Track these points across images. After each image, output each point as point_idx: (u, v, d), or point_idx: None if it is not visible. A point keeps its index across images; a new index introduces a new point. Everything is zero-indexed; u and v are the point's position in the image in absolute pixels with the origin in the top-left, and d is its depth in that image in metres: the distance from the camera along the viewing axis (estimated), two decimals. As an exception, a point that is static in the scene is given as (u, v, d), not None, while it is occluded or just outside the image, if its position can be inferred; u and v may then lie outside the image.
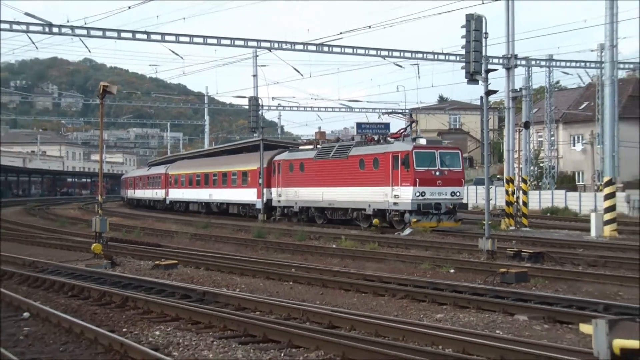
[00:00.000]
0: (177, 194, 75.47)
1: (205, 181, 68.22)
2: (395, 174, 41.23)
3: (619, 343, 7.38)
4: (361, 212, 44.67)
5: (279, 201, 53.64)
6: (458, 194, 41.96)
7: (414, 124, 49.45)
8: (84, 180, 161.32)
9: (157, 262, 27.01)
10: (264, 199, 55.80)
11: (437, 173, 40.64)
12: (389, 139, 45.94)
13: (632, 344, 7.39)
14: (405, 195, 40.34)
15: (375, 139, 47.46)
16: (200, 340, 14.46)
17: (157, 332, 15.26)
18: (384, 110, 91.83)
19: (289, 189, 52.23)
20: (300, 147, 58.81)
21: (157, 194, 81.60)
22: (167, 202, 77.59)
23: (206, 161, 73.85)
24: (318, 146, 52.47)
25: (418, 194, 39.78)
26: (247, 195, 58.44)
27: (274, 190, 54.47)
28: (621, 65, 55.48)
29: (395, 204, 41.22)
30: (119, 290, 20.09)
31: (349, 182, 45.19)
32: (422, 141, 42.85)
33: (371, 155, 44.25)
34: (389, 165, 41.88)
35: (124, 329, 15.57)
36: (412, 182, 39.96)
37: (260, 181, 55.99)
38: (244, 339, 14.43)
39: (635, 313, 15.51)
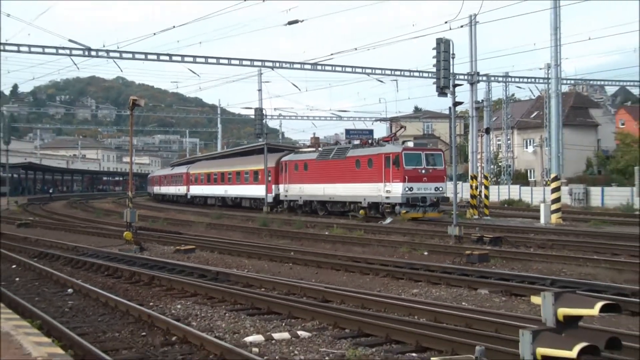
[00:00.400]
0: (197, 190, 74.55)
1: (221, 179, 67.50)
2: (387, 172, 41.17)
3: (563, 311, 7.46)
4: (357, 205, 44.42)
5: (285, 196, 53.36)
6: (441, 188, 41.81)
7: (402, 130, 48.95)
8: (117, 178, 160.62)
9: (178, 247, 27.06)
10: (266, 194, 55.47)
11: (423, 171, 40.61)
12: (381, 142, 45.70)
13: (573, 311, 7.48)
14: (396, 190, 40.32)
15: (370, 142, 47.58)
16: (214, 312, 14.54)
17: (179, 306, 15.35)
18: (375, 118, 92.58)
19: (295, 186, 51.99)
20: (303, 150, 58.62)
21: (179, 190, 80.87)
22: (189, 197, 76.66)
23: (221, 162, 73.02)
24: (319, 149, 52.65)
25: (407, 189, 39.79)
26: (258, 190, 57.75)
27: (281, 186, 54.13)
28: (564, 82, 55.54)
29: (387, 197, 41.15)
30: (147, 271, 20.19)
31: (347, 179, 45.10)
32: (410, 144, 43.13)
33: (366, 157, 44.04)
34: (382, 164, 41.76)
35: (151, 303, 15.65)
36: (402, 179, 39.95)
37: (269, 178, 55.69)
38: (251, 311, 14.50)
39: (575, 286, 15.66)
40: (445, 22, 40.36)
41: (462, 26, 45.53)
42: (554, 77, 41.47)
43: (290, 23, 45.43)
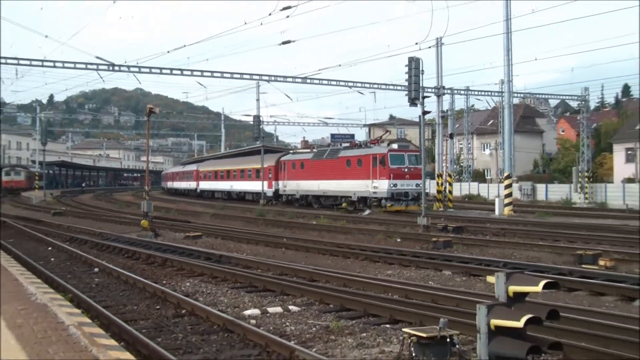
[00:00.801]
0: (206, 185, 72.96)
1: (227, 176, 66.30)
2: (374, 170, 40.41)
3: (512, 289, 7.48)
4: (347, 199, 43.57)
5: (284, 190, 52.29)
6: (421, 185, 40.07)
7: (387, 134, 48.49)
8: (135, 175, 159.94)
9: (187, 234, 27.00)
10: (263, 189, 54.89)
11: (406, 170, 39.86)
12: (369, 144, 44.90)
13: (521, 289, 7.50)
14: (382, 186, 39.62)
15: (358, 144, 46.61)
16: (218, 289, 14.54)
17: (188, 284, 15.34)
18: (355, 124, 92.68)
19: (292, 182, 50.93)
20: (300, 150, 57.51)
21: (190, 185, 79.19)
22: (198, 190, 75.20)
23: (227, 161, 72.27)
24: (314, 150, 51.77)
25: (392, 185, 39.13)
26: (259, 186, 56.08)
27: (280, 182, 53.08)
28: (515, 95, 55.61)
29: (374, 192, 40.41)
30: (160, 254, 20.17)
31: (339, 176, 44.27)
32: (395, 146, 41.93)
33: (356, 157, 43.25)
34: (370, 164, 40.98)
35: (164, 281, 15.64)
36: (388, 176, 39.27)
37: (270, 175, 54.73)
38: (249, 289, 14.50)
39: (523, 267, 15.70)
40: (416, 44, 40.85)
41: (429, 47, 45.97)
42: (507, 91, 41.69)
43: (284, 43, 45.40)
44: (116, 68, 45.58)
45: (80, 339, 7.81)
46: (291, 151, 59.15)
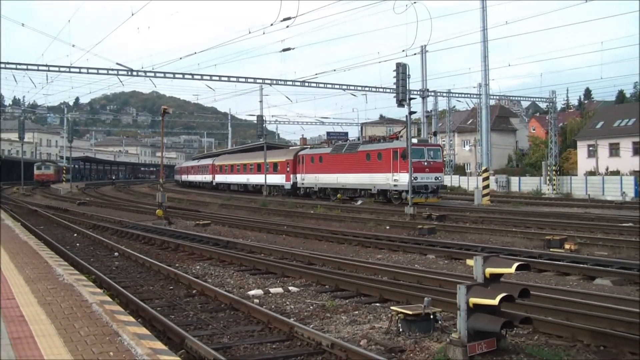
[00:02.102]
0: (222, 178, 69.25)
1: (243, 169, 62.81)
2: (395, 164, 37.62)
3: (489, 270, 7.48)
4: (367, 191, 41.00)
5: (302, 183, 49.28)
6: (439, 178, 38.07)
7: (403, 129, 46.00)
8: (151, 169, 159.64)
9: (197, 222, 27.02)
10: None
11: (425, 163, 36.88)
12: (387, 139, 42.00)
13: (496, 270, 7.51)
14: (403, 179, 36.13)
15: (377, 139, 43.48)
16: (225, 272, 14.52)
17: (198, 267, 15.32)
18: (349, 123, 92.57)
19: (311, 175, 47.97)
20: (318, 145, 54.92)
21: (205, 178, 75.76)
22: (214, 183, 71.53)
23: (243, 155, 68.64)
24: (334, 144, 48.85)
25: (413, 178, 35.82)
26: (277, 179, 53.39)
27: (298, 175, 49.96)
28: (491, 97, 55.61)
29: (395, 185, 37.73)
30: (173, 240, 20.12)
31: (358, 170, 41.58)
32: (415, 141, 37.73)
33: (376, 151, 40.33)
34: (390, 157, 38.18)
35: (177, 264, 15.61)
36: (408, 170, 35.34)
37: (290, 168, 51.45)
38: (253, 271, 14.49)
39: (499, 251, 15.70)
40: (403, 51, 40.73)
41: (415, 54, 46.14)
42: (484, 94, 41.70)
43: (284, 50, 45.44)
44: (134, 73, 46.13)
45: (102, 315, 7.85)
46: (309, 146, 56.57)
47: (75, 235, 22.95)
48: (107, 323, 7.44)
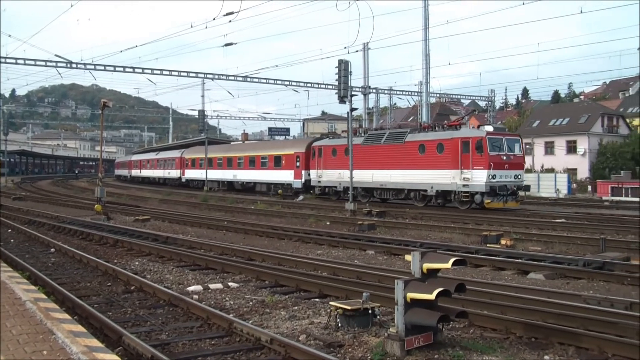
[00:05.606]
0: (195, 174, 59.32)
1: (228, 164, 52.98)
2: (465, 158, 29.96)
3: (426, 266, 7.60)
4: (419, 193, 33.05)
5: (319, 181, 40.24)
6: (520, 176, 31.05)
7: (467, 116, 38.22)
8: (90, 163, 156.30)
9: (136, 217, 26.67)
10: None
11: (505, 157, 29.91)
12: (450, 126, 33.37)
13: (434, 265, 7.63)
14: (478, 178, 29.41)
15: (432, 126, 34.81)
16: (164, 268, 14.36)
17: (137, 263, 15.09)
18: (290, 119, 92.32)
19: (332, 171, 38.84)
20: (340, 135, 44.29)
21: (170, 173, 66.06)
22: (183, 180, 61.90)
23: (227, 147, 59.60)
24: (367, 133, 38.11)
25: (491, 177, 29.10)
26: (281, 176, 44.87)
27: (313, 171, 40.99)
28: (432, 95, 56.43)
29: (465, 185, 30.00)
30: (112, 235, 19.81)
31: (406, 165, 33.33)
32: (490, 128, 31.57)
33: (434, 141, 31.94)
34: (457, 149, 30.31)
35: (115, 260, 15.33)
36: (486, 166, 29.16)
37: (301, 163, 42.70)
38: (192, 267, 14.36)
39: (437, 247, 15.96)
40: (345, 48, 40.75)
41: (357, 51, 46.39)
42: (425, 91, 42.50)
43: (226, 45, 45.18)
44: (74, 65, 45.52)
45: (36, 313, 7.69)
46: (329, 136, 47.92)
47: (9, 231, 22.28)
48: (41, 321, 7.28)
